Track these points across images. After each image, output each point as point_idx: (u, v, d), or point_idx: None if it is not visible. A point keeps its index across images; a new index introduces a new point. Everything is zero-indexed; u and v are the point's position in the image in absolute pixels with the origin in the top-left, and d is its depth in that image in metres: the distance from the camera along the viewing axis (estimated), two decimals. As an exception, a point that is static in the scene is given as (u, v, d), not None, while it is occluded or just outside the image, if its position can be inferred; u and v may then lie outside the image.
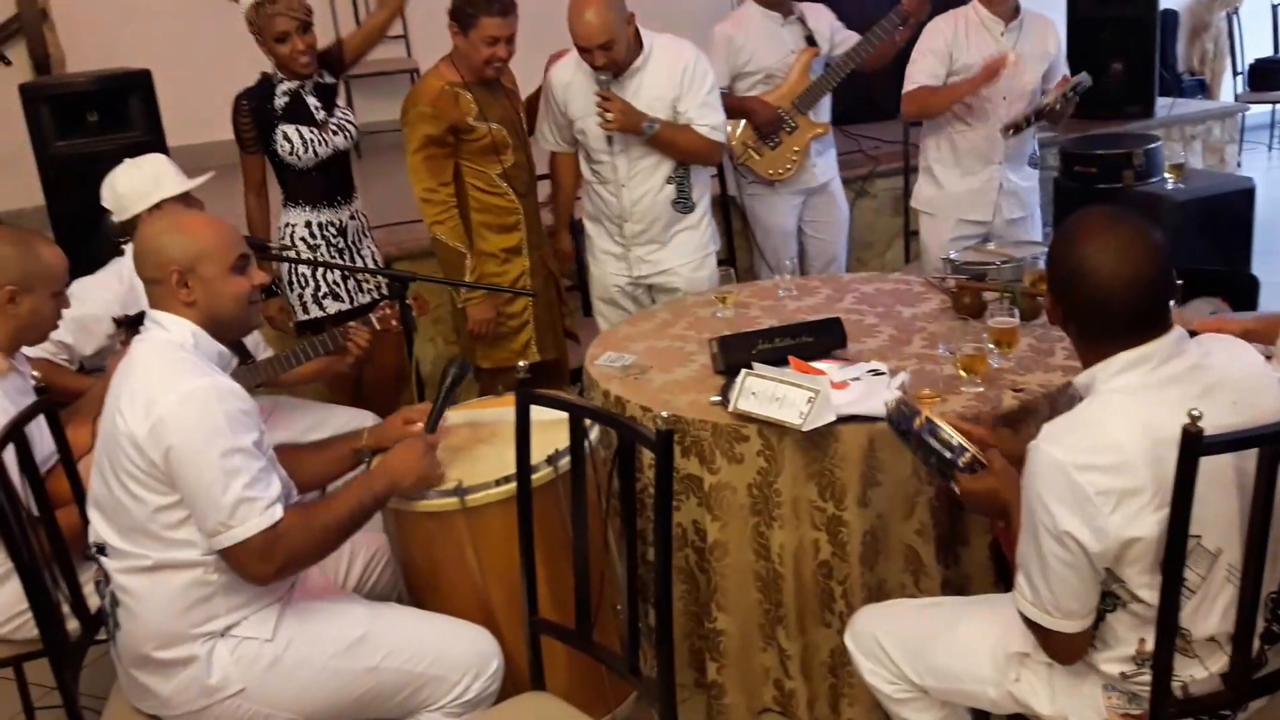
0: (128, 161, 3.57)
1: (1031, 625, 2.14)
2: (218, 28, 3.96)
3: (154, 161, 3.57)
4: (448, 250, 4.04)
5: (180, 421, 2.25)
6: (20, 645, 2.95)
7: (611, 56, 3.81)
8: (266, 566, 2.35)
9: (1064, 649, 2.14)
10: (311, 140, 4.01)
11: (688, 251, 4.16)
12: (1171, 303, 2.11)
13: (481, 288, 4.02)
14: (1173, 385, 2.04)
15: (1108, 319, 2.06)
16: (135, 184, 3.49)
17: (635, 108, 3.89)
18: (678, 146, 3.97)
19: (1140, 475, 1.96)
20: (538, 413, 2.46)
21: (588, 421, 2.45)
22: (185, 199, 3.48)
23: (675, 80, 3.94)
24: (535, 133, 4.25)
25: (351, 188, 4.24)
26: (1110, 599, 2.10)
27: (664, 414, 2.15)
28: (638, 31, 3.91)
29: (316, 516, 2.42)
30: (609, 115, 3.85)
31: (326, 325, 4.09)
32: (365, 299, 4.20)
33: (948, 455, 2.34)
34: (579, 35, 3.80)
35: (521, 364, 2.52)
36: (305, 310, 4.15)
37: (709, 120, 3.98)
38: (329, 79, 4.16)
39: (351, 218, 4.21)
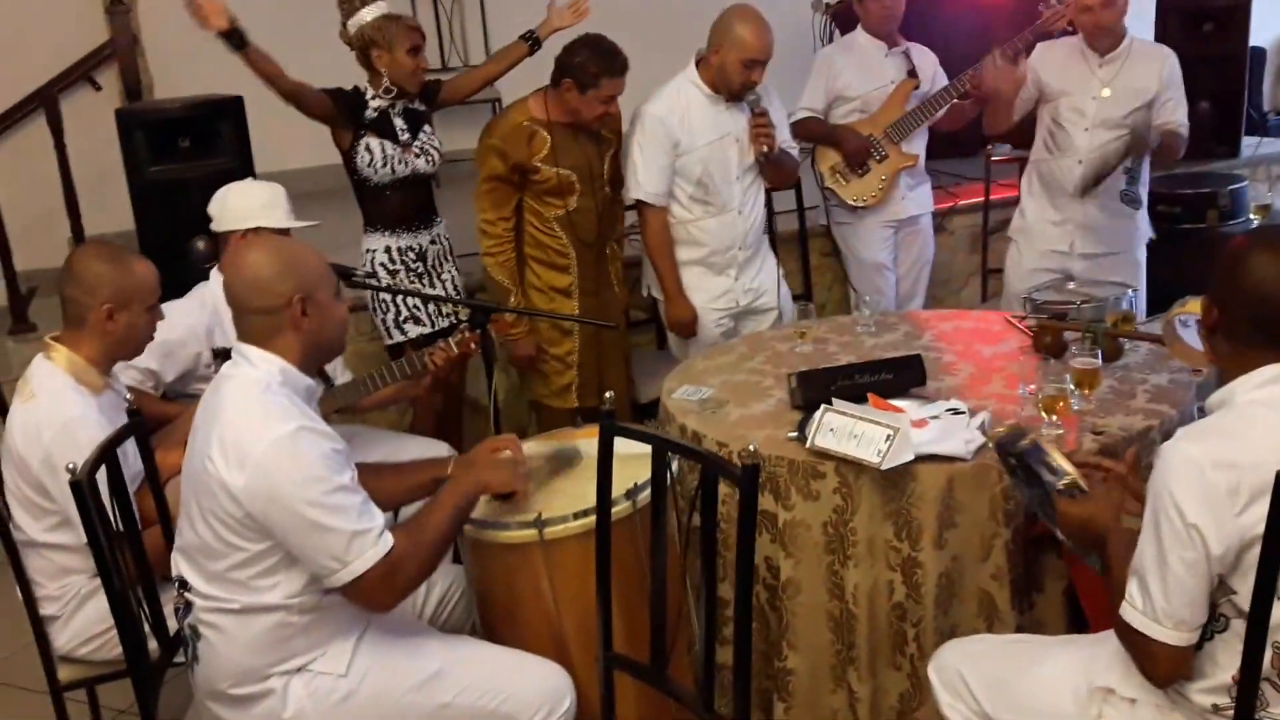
0: (250, 180, 3.68)
1: (1135, 638, 2.11)
2: (305, 56, 4.02)
3: (271, 190, 3.62)
4: (494, 284, 4.12)
5: (277, 472, 2.24)
6: (97, 666, 3.00)
7: (763, 74, 3.99)
8: (389, 594, 2.37)
9: (1166, 664, 2.10)
10: (392, 157, 4.08)
11: (774, 271, 4.31)
12: None
13: (560, 317, 4.06)
14: None
15: (1263, 326, 2.08)
16: (245, 203, 3.55)
17: None
18: (782, 169, 4.17)
19: (1272, 478, 1.95)
20: (617, 446, 2.47)
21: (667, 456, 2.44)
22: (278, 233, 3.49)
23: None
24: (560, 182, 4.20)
25: (433, 212, 4.32)
26: (1213, 622, 2.08)
27: (750, 447, 2.14)
28: None
29: (421, 533, 2.42)
30: (766, 136, 4.00)
31: (407, 349, 4.15)
32: (445, 323, 4.27)
33: (1049, 477, 2.34)
34: (757, 49, 3.95)
35: (609, 394, 2.52)
36: (389, 334, 4.23)
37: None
38: (420, 106, 4.23)
39: (432, 242, 4.28)
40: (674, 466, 2.63)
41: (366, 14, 4.05)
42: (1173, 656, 2.08)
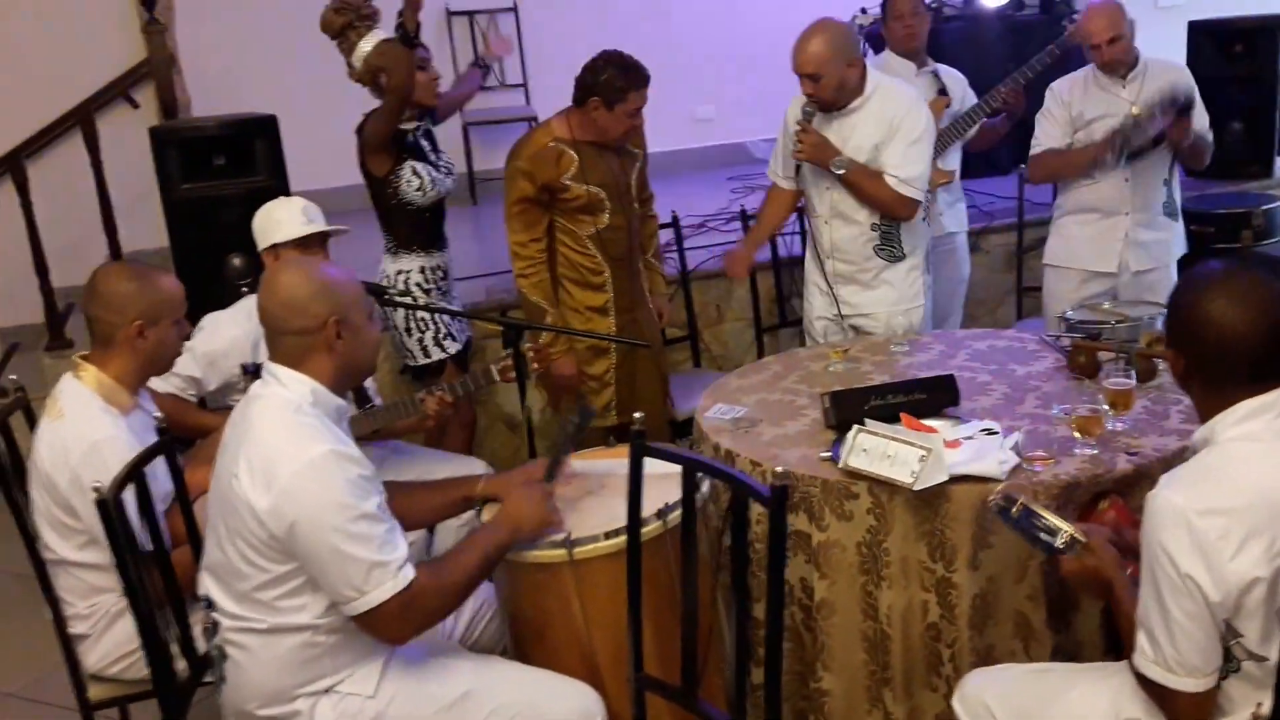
0: (279, 199, 3.68)
1: (1154, 689, 2.09)
2: (340, 74, 4.05)
3: (287, 206, 3.61)
4: (529, 304, 4.09)
5: (304, 494, 2.25)
6: (127, 686, 3.00)
7: (817, 89, 3.88)
8: (404, 628, 2.37)
9: (1189, 710, 2.08)
10: (436, 179, 4.12)
11: (890, 300, 4.09)
12: None
13: (594, 336, 4.05)
14: None
15: (1230, 366, 2.08)
16: (262, 223, 3.57)
17: (830, 143, 3.92)
18: (863, 191, 3.94)
19: (1262, 519, 1.96)
20: (647, 465, 2.46)
21: (698, 475, 2.44)
22: (306, 244, 3.50)
23: (883, 127, 3.93)
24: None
25: (444, 233, 4.37)
26: (1226, 662, 2.06)
27: (777, 469, 2.14)
28: (863, 75, 3.94)
29: (447, 572, 2.42)
30: (800, 144, 3.92)
31: (447, 366, 4.18)
32: (468, 335, 4.31)
33: (1046, 538, 2.35)
34: (792, 59, 3.89)
35: (637, 415, 2.52)
36: (426, 354, 4.24)
37: (901, 172, 3.92)
38: (431, 126, 4.29)
39: (449, 260, 4.35)
40: (705, 486, 2.63)
41: (365, 45, 4.07)
42: (1195, 703, 2.07)
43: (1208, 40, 6.36)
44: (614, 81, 3.92)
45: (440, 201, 4.23)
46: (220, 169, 4.56)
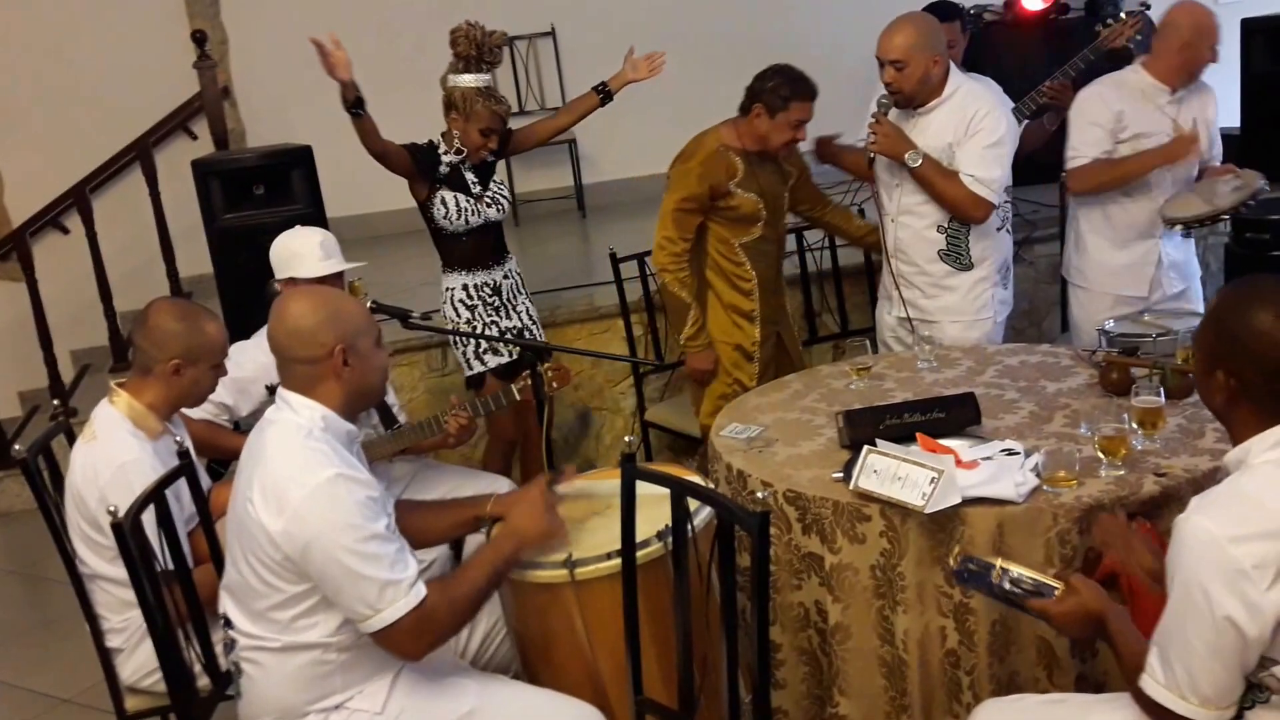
0: (296, 228, 3.74)
1: (1160, 714, 2.01)
2: (382, 105, 4.10)
3: (304, 238, 3.66)
4: (674, 298, 4.16)
5: (314, 517, 2.29)
6: (161, 698, 3.05)
7: (900, 79, 3.87)
8: (419, 643, 2.39)
9: None
10: (466, 209, 4.19)
11: (954, 310, 4.07)
12: None
13: (599, 355, 4.07)
14: None
15: None
16: (278, 254, 3.65)
17: (905, 135, 3.93)
18: (935, 188, 3.93)
19: None
20: (653, 487, 2.45)
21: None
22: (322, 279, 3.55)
23: (960, 126, 3.91)
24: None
25: (504, 250, 4.43)
26: (1254, 692, 1.98)
27: (759, 494, 2.12)
28: (946, 75, 3.93)
29: (456, 587, 2.45)
30: (874, 136, 3.92)
31: (487, 379, 4.25)
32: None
33: (1035, 600, 2.25)
34: (878, 46, 3.90)
35: (627, 439, 2.51)
36: (469, 366, 4.36)
37: (976, 171, 3.88)
38: (489, 159, 4.31)
39: (505, 277, 4.40)
40: (708, 509, 2.60)
41: (466, 79, 4.14)
42: None
43: (1261, 38, 6.18)
44: (780, 90, 3.99)
45: (486, 226, 4.29)
46: (260, 199, 4.66)
